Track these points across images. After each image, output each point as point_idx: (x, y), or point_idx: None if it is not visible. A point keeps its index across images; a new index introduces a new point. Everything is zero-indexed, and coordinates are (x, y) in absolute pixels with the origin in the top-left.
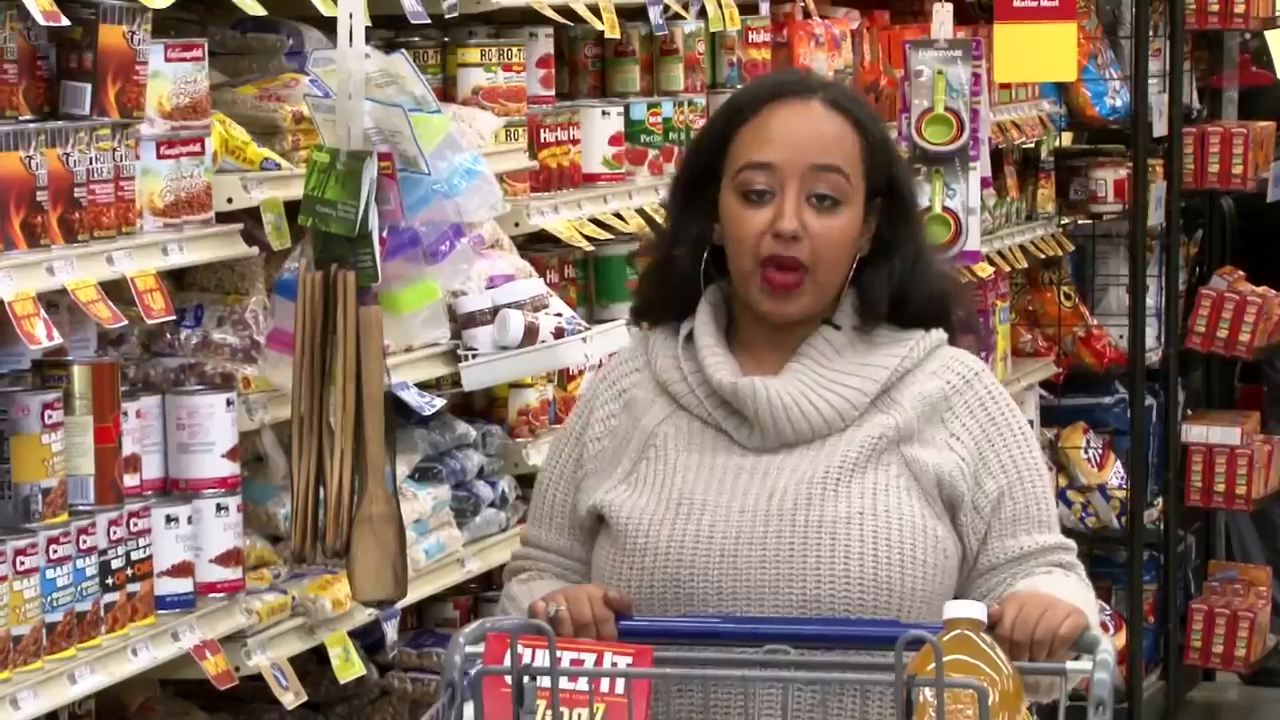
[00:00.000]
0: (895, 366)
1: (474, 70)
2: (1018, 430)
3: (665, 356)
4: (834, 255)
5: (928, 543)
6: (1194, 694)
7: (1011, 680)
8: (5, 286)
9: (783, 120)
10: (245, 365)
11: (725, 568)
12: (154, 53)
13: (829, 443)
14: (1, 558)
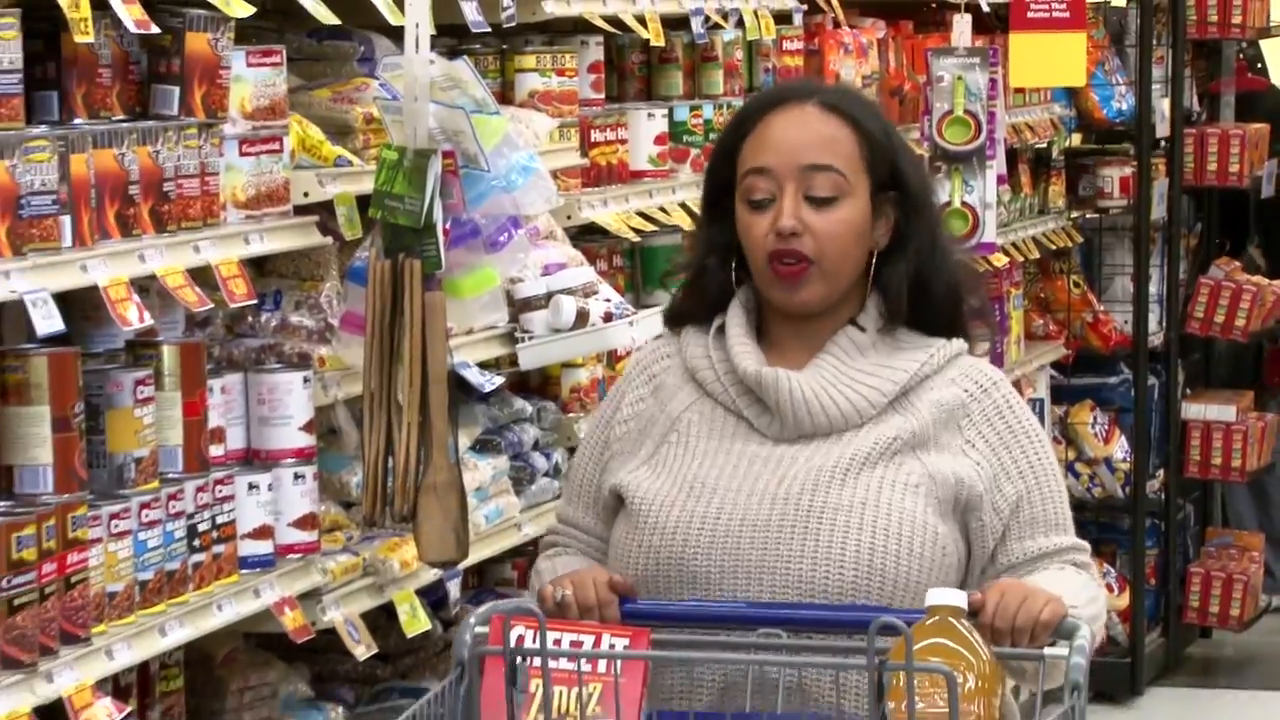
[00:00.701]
0: (915, 371)
1: (530, 75)
2: (1035, 436)
3: (695, 346)
4: (838, 247)
5: (926, 537)
6: (1192, 649)
7: (989, 665)
8: (100, 273)
9: (778, 127)
10: (320, 346)
11: (728, 548)
12: (236, 58)
13: (845, 438)
14: (97, 521)
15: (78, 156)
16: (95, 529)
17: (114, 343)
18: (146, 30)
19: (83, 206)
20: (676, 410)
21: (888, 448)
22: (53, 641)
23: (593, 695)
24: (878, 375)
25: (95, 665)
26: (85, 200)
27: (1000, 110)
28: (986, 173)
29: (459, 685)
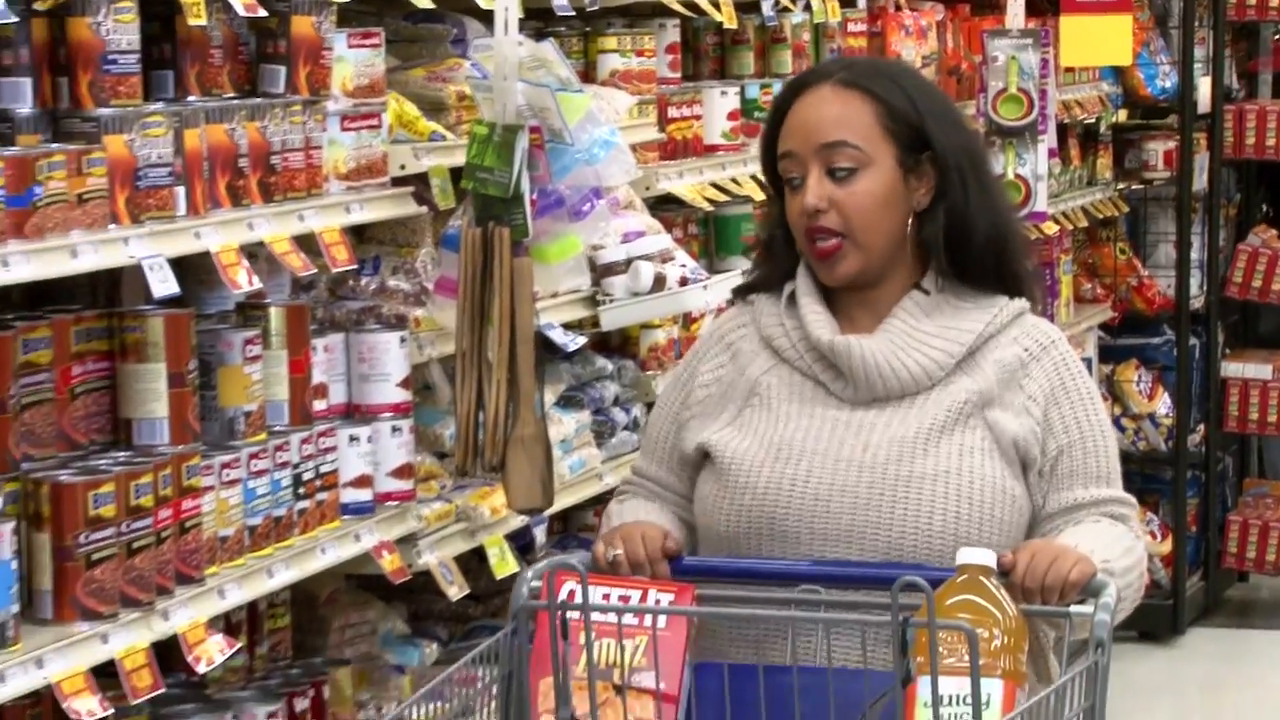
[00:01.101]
0: (980, 331)
1: (611, 56)
2: (1085, 394)
3: (769, 314)
4: (864, 218)
5: (1006, 502)
6: (1230, 592)
7: (1015, 621)
8: (212, 239)
9: (798, 111)
10: (416, 308)
11: (819, 511)
12: (338, 40)
13: (918, 401)
14: (209, 471)
15: (191, 131)
16: (208, 478)
17: (225, 305)
18: (255, 14)
19: (196, 178)
20: (755, 374)
21: (960, 411)
22: (169, 582)
23: (638, 648)
24: (944, 337)
25: (208, 604)
26: (198, 172)
27: (1051, 88)
28: (1038, 146)
29: (514, 636)
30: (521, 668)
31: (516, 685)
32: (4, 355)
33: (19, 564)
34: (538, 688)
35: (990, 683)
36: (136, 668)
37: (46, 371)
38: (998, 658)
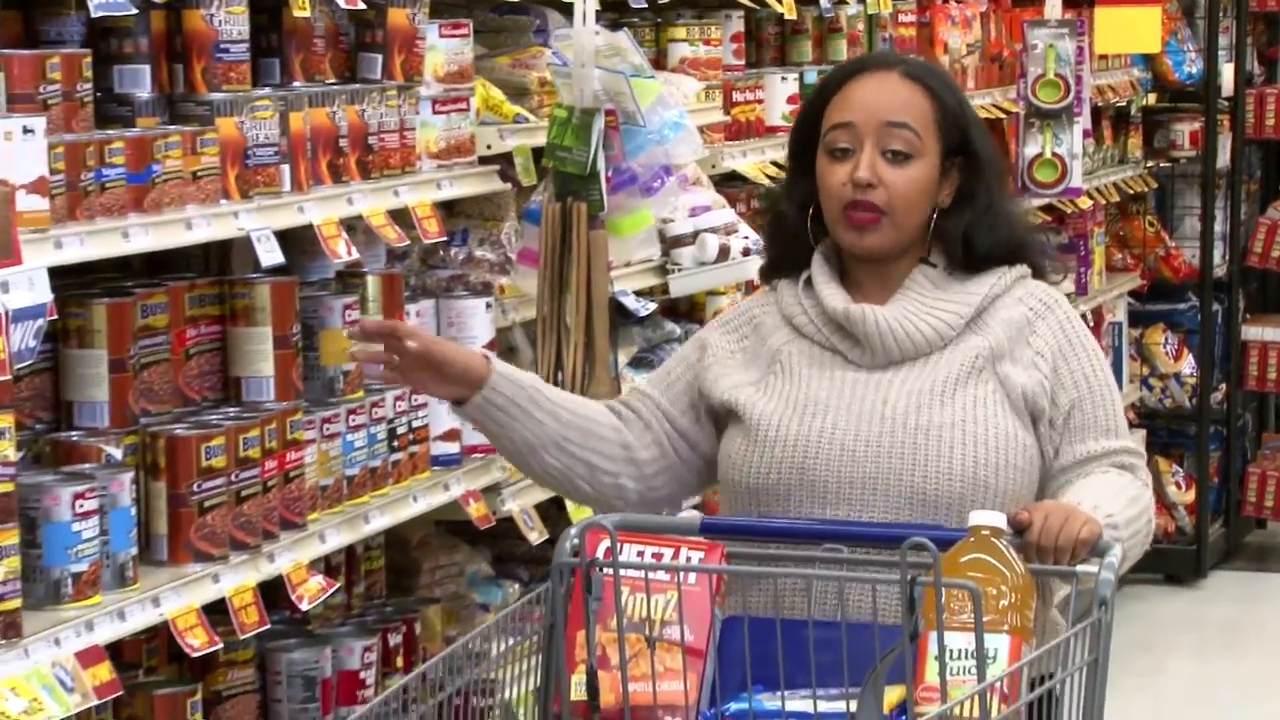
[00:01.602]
0: (986, 293)
1: (681, 44)
2: (1090, 350)
3: (788, 294)
4: (907, 202)
5: (1018, 449)
6: (1249, 538)
7: (1023, 579)
8: (315, 213)
9: (862, 88)
10: (500, 276)
11: (845, 460)
12: (430, 30)
13: (930, 360)
14: (311, 426)
15: (296, 114)
16: (310, 432)
17: (326, 273)
18: (354, 6)
19: (300, 157)
20: (776, 345)
21: (972, 366)
22: (274, 527)
23: (668, 603)
24: (953, 301)
25: (309, 547)
26: (302, 151)
27: (1086, 73)
28: (1074, 127)
29: (554, 594)
30: (560, 620)
31: (556, 636)
32: (125, 319)
33: (137, 510)
34: (574, 639)
35: (996, 638)
36: (244, 605)
37: (163, 334)
38: (1004, 614)
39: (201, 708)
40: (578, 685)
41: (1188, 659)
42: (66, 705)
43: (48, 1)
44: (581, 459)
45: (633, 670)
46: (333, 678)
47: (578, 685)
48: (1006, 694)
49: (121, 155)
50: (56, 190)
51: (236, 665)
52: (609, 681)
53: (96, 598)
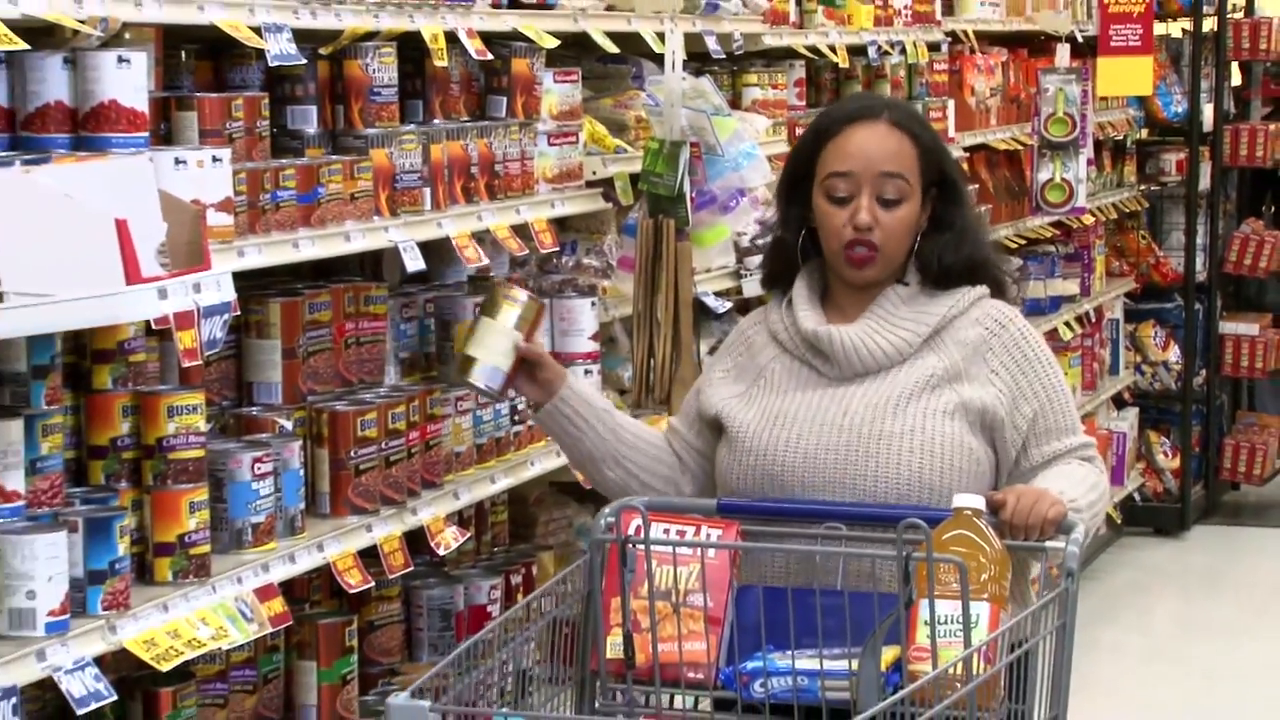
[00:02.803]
0: (943, 314)
1: (753, 88)
2: (1045, 361)
3: (774, 313)
4: (898, 239)
5: (962, 453)
6: (1225, 498)
7: (1000, 554)
8: (451, 227)
9: (857, 138)
10: (603, 279)
11: (808, 465)
12: (546, 76)
13: (890, 374)
14: (447, 403)
15: (435, 146)
16: (446, 408)
17: (459, 276)
18: (484, 57)
19: (438, 181)
20: (763, 362)
21: (927, 383)
22: (416, 486)
23: (692, 574)
24: (914, 320)
25: (445, 503)
26: (440, 176)
27: (1090, 112)
28: (1080, 157)
29: (591, 565)
30: (597, 588)
31: (593, 603)
32: (295, 315)
33: (305, 472)
34: (609, 605)
35: (978, 605)
36: (392, 550)
37: (326, 328)
38: (985, 585)
39: (357, 635)
40: (613, 645)
41: (1174, 599)
42: (246, 633)
43: (233, 53)
44: (636, 476)
45: (661, 633)
46: (464, 611)
47: (613, 645)
48: (990, 656)
49: (293, 180)
50: (239, 209)
51: (386, 600)
52: (640, 642)
53: (271, 544)
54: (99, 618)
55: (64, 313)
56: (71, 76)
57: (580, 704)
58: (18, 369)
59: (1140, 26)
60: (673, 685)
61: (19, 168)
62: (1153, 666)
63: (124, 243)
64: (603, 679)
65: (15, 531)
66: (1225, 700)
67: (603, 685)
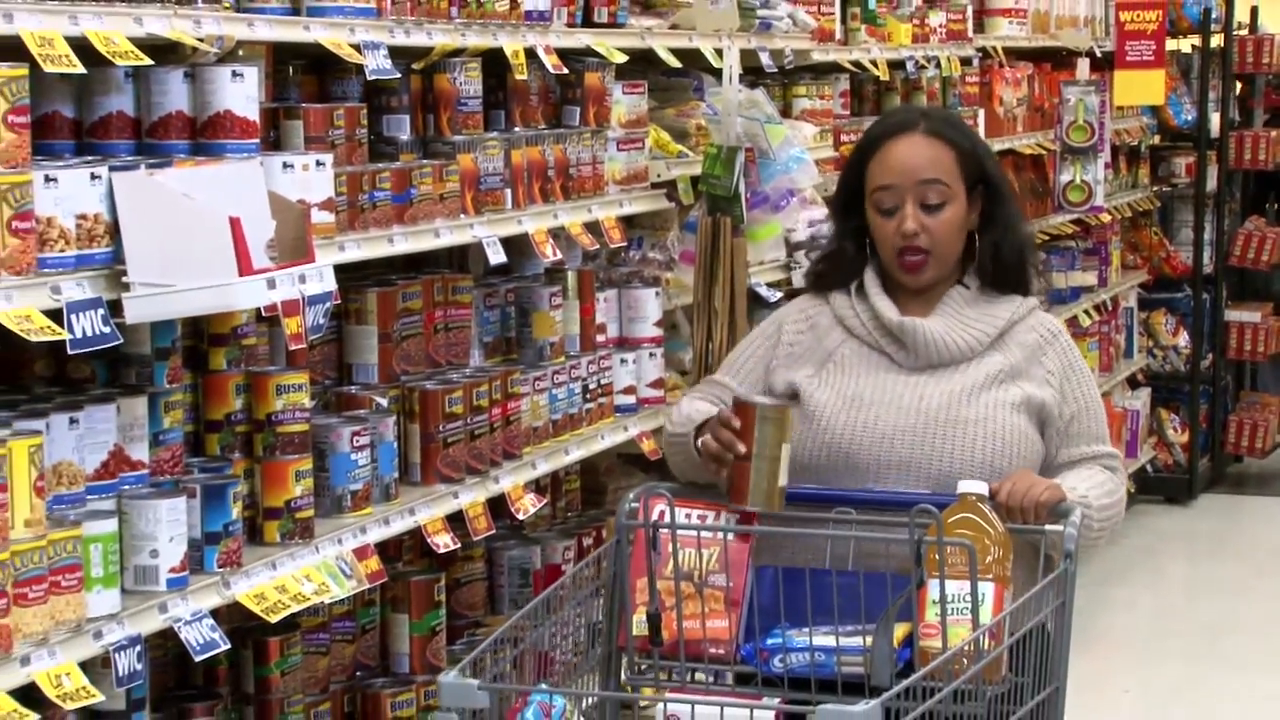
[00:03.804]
0: (1009, 318)
1: (802, 99)
2: (1086, 374)
3: (841, 301)
4: (947, 240)
5: (1026, 443)
6: (1230, 469)
7: (1003, 536)
8: (529, 225)
9: (896, 153)
10: (666, 272)
11: (885, 447)
12: (616, 88)
13: (960, 368)
14: (526, 382)
15: (516, 151)
16: (524, 387)
17: (537, 269)
18: (560, 71)
19: (518, 182)
20: (831, 346)
21: (995, 377)
22: (498, 458)
23: (713, 555)
24: (983, 320)
25: (524, 473)
26: (520, 179)
27: (1107, 120)
28: (1098, 161)
29: (618, 547)
30: (623, 569)
31: (620, 582)
32: (390, 303)
33: (398, 445)
34: (635, 585)
35: (984, 585)
36: (476, 515)
37: (418, 315)
38: (990, 566)
39: (444, 591)
40: (639, 623)
41: (1182, 561)
42: (345, 588)
43: (335, 68)
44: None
45: (685, 611)
46: (541, 569)
47: (639, 623)
48: (995, 634)
49: (388, 182)
50: (340, 208)
51: (471, 560)
52: (664, 620)
53: (368, 509)
54: (214, 574)
55: (184, 301)
56: (191, 89)
57: (606, 679)
58: (143, 351)
59: (1154, 43)
60: (696, 660)
61: (144, 171)
62: (1161, 621)
63: (237, 238)
64: (629, 654)
65: (140, 497)
66: (1227, 652)
67: (629, 660)
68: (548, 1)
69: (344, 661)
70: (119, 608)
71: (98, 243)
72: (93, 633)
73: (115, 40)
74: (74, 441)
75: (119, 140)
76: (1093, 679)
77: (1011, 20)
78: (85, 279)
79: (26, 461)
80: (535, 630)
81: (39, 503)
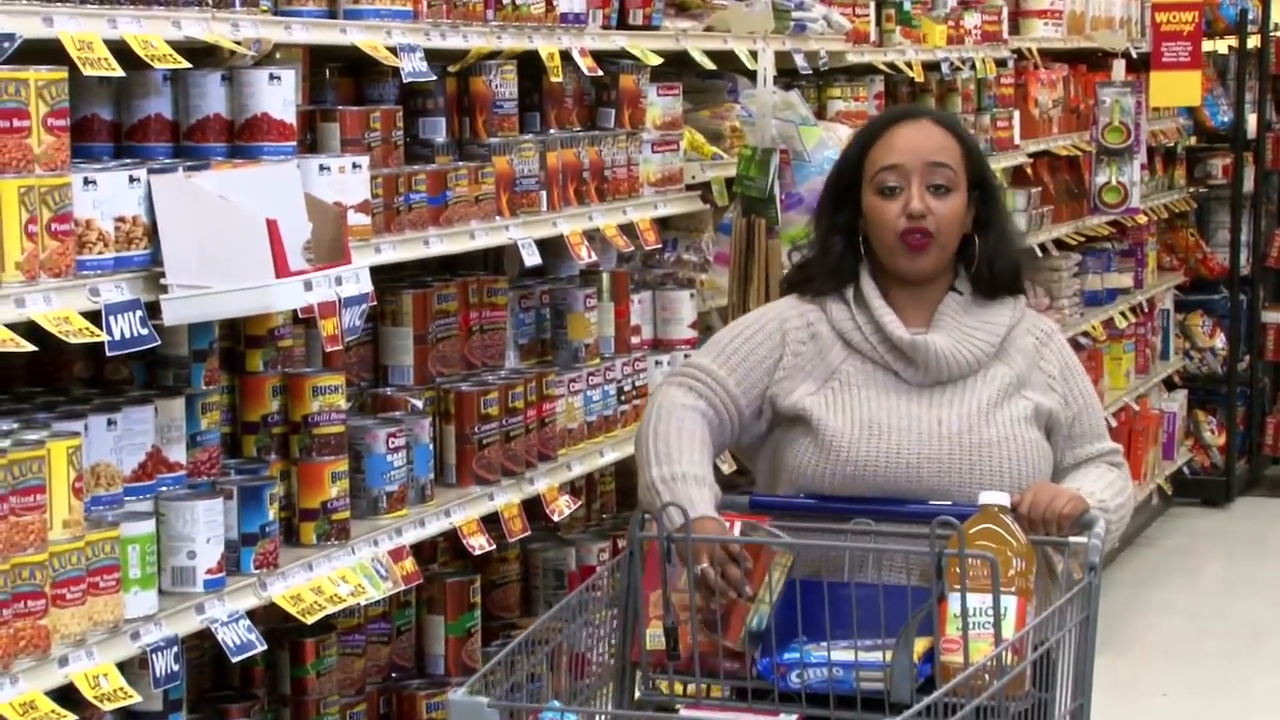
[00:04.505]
0: (1008, 324)
1: (837, 100)
2: (1081, 371)
3: (840, 311)
4: (950, 227)
5: (1044, 457)
6: (1267, 471)
7: (1025, 548)
8: (564, 226)
9: (904, 135)
10: (701, 273)
11: (910, 476)
12: (651, 90)
13: (969, 382)
14: (560, 384)
15: (551, 153)
16: (559, 389)
17: (571, 271)
18: (595, 73)
19: (554, 184)
20: (834, 363)
21: (1004, 391)
22: (533, 459)
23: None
24: (983, 330)
25: (559, 474)
26: (555, 181)
27: (1143, 121)
28: (1134, 162)
29: (630, 560)
30: (636, 582)
31: (633, 596)
32: (425, 305)
33: (434, 446)
34: (649, 598)
35: (1007, 598)
36: (511, 516)
37: (453, 317)
38: (1012, 579)
39: (480, 592)
40: (653, 637)
41: (1220, 563)
42: (381, 589)
43: (372, 71)
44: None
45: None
46: (576, 570)
47: (653, 637)
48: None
49: (424, 184)
50: (376, 210)
51: (506, 561)
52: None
53: (404, 510)
54: (251, 576)
55: (221, 302)
56: (228, 92)
57: (620, 695)
58: (180, 353)
59: (1190, 44)
60: (711, 676)
61: (182, 173)
62: (1198, 622)
63: (274, 240)
64: (643, 669)
65: (178, 498)
66: (1266, 654)
67: (643, 675)
68: (583, 4)
69: (379, 663)
70: (156, 609)
71: (136, 245)
72: (130, 633)
73: (153, 43)
74: (112, 443)
75: (157, 143)
76: (1130, 682)
77: (1047, 21)
78: (123, 281)
79: (65, 463)
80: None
81: (77, 504)
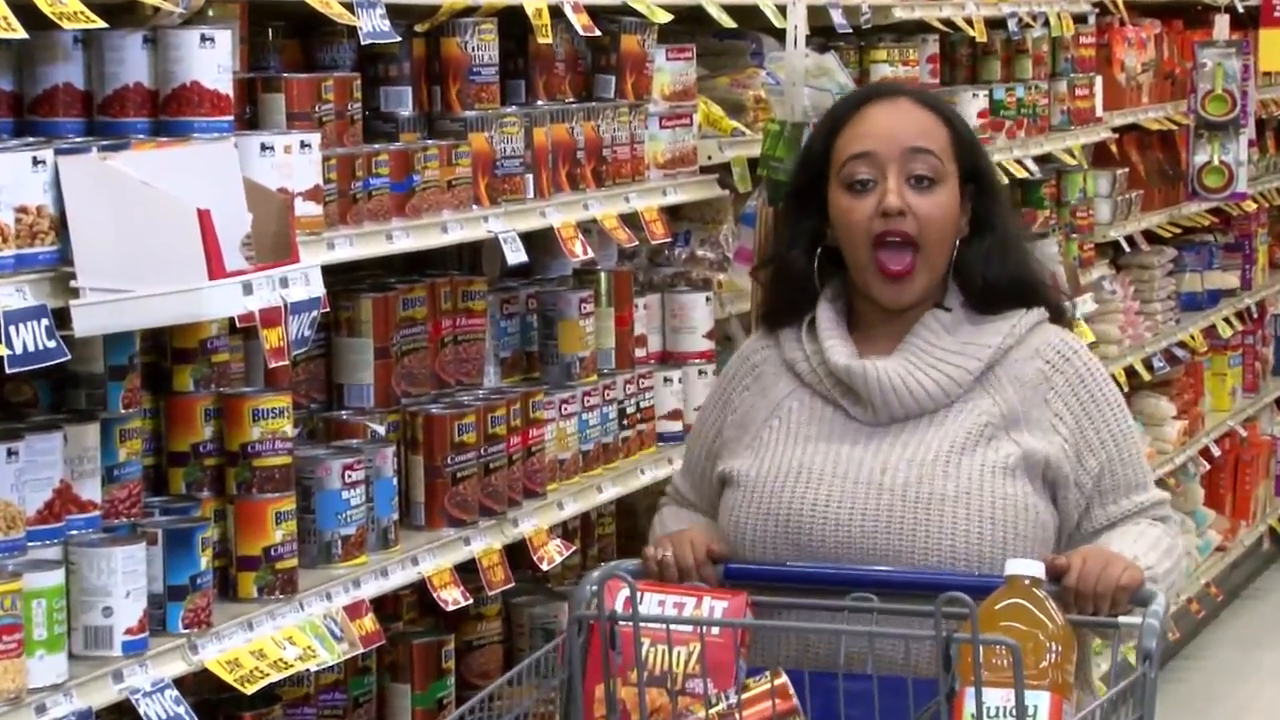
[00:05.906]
0: (998, 345)
1: (882, 65)
2: (1114, 404)
3: (790, 339)
4: (938, 232)
5: (1029, 518)
6: None
7: (1064, 630)
8: (555, 217)
9: (876, 116)
10: (719, 273)
11: (840, 535)
12: (658, 54)
13: (937, 419)
14: (551, 406)
15: (539, 129)
16: (549, 411)
17: (564, 270)
18: (591, 33)
19: (542, 167)
20: (777, 397)
21: (981, 431)
22: (518, 496)
23: (691, 654)
24: (963, 353)
25: (549, 514)
26: (544, 162)
27: (1251, 89)
28: (1240, 138)
29: (570, 645)
30: (576, 673)
31: (572, 690)
32: (388, 312)
33: (398, 481)
34: (592, 693)
35: (1037, 695)
36: (492, 565)
37: (421, 325)
38: (1044, 670)
39: (454, 656)
40: None
41: None
42: (336, 653)
43: (323, 30)
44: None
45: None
46: None
47: None
48: None
49: (386, 166)
50: (329, 198)
51: (485, 619)
52: None
53: (363, 558)
54: (179, 636)
55: (143, 309)
56: (151, 56)
57: None
58: (94, 370)
59: None
60: None
61: (96, 154)
62: None
63: (206, 234)
64: None
65: (91, 544)
66: None
67: None
68: None
69: None
70: (66, 676)
71: (41, 240)
72: (35, 705)
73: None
74: (12, 477)
75: (66, 118)
76: None
77: None
78: (26, 284)
79: None
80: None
81: None
